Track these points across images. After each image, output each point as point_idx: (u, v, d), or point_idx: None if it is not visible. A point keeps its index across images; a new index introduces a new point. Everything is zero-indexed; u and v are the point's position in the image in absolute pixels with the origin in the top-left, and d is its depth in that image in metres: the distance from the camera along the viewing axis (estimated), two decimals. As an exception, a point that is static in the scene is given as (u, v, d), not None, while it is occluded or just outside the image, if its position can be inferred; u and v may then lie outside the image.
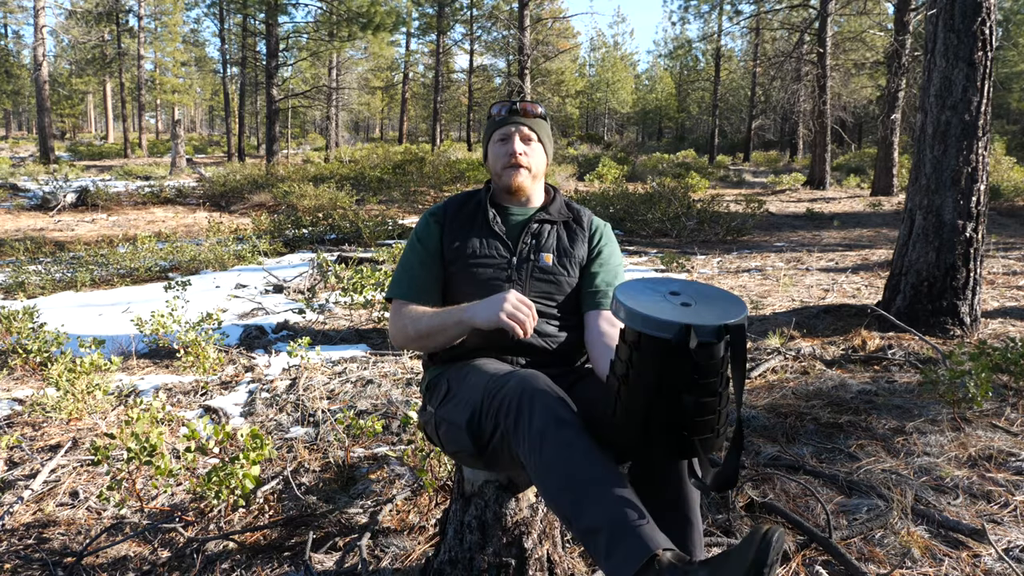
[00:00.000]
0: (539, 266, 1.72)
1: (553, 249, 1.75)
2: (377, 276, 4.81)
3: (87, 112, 51.61)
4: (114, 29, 29.45)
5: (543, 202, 1.84)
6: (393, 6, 19.33)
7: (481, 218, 1.77)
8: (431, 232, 1.76)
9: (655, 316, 1.18)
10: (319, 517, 2.23)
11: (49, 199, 12.28)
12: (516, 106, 1.77)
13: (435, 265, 1.74)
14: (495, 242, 1.73)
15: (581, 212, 1.84)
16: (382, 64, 37.51)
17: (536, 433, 1.28)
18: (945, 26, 4.18)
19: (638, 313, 1.19)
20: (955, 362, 3.01)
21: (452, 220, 1.77)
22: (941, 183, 4.25)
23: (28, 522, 2.25)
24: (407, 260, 1.77)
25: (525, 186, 1.76)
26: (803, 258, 7.80)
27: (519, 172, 1.74)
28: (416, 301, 1.70)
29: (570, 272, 1.74)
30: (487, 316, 1.49)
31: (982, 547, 2.01)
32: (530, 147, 1.77)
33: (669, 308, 1.22)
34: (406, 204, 13.45)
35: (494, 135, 1.79)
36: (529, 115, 1.78)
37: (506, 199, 1.80)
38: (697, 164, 22.58)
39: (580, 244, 1.78)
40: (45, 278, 6.08)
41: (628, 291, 1.28)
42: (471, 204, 1.81)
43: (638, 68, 49.99)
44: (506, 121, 1.77)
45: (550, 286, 1.72)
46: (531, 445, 1.28)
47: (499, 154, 1.77)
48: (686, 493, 1.39)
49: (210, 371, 3.70)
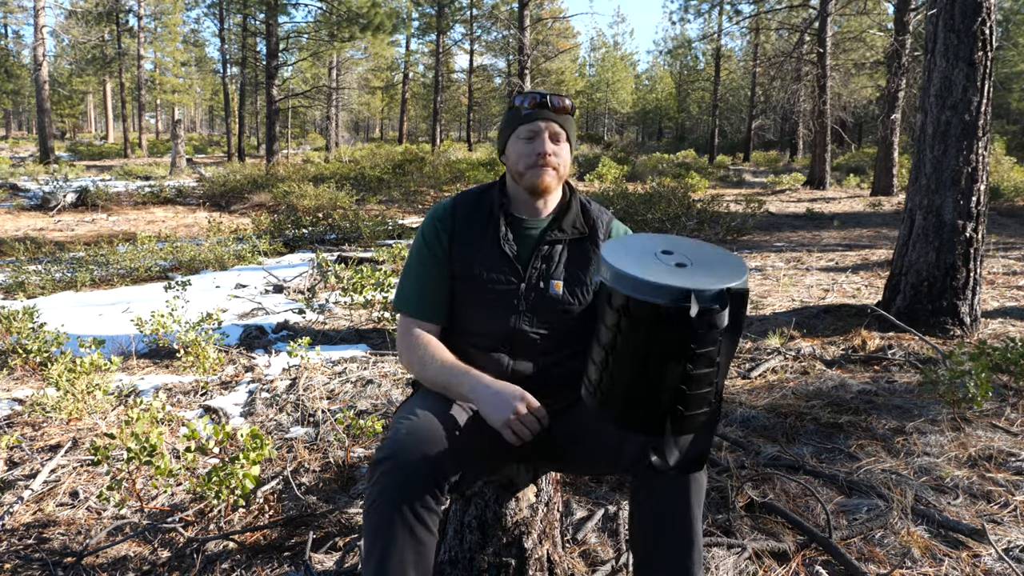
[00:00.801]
0: (549, 295, 1.61)
1: (564, 276, 1.62)
2: (377, 276, 4.81)
3: (87, 112, 51.61)
4: (114, 29, 29.45)
5: (558, 207, 1.68)
6: (393, 7, 19.34)
7: (492, 233, 1.63)
8: (440, 240, 1.64)
9: (648, 279, 1.06)
10: (319, 517, 2.23)
11: (49, 199, 12.28)
12: (547, 99, 1.60)
13: (444, 275, 1.63)
14: (504, 266, 1.61)
15: (597, 223, 1.69)
16: (382, 64, 37.51)
17: (366, 508, 1.35)
18: (945, 26, 4.18)
19: (627, 275, 1.07)
20: (955, 362, 3.01)
21: (461, 230, 1.64)
22: (941, 183, 4.25)
23: (28, 522, 2.25)
24: (415, 268, 1.66)
25: (551, 187, 1.62)
26: (803, 258, 7.80)
27: (546, 172, 1.59)
28: (426, 318, 1.63)
29: (581, 300, 1.63)
30: (490, 415, 1.44)
31: (982, 547, 2.01)
32: (559, 146, 1.61)
33: (663, 270, 1.10)
34: (406, 204, 13.45)
35: (519, 130, 1.62)
36: (560, 111, 1.61)
37: (520, 206, 1.66)
38: (697, 164, 22.58)
39: (594, 265, 1.66)
40: (45, 278, 6.08)
41: (616, 250, 1.16)
42: (482, 211, 1.66)
43: (638, 68, 50.05)
44: (534, 116, 1.60)
45: (558, 316, 1.62)
46: (364, 514, 1.35)
47: (524, 152, 1.60)
48: (690, 515, 1.37)
49: (210, 371, 3.70)
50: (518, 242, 1.64)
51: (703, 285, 1.05)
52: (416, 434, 1.38)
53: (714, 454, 2.63)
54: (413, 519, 1.31)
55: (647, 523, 1.39)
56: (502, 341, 1.61)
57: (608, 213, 1.73)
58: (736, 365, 3.84)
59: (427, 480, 1.33)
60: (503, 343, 1.61)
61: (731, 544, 2.01)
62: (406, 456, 1.33)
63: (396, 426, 1.45)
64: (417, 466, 1.33)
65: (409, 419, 1.46)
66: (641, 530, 1.41)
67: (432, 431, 1.41)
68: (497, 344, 1.61)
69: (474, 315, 1.62)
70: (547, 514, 1.72)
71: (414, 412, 1.49)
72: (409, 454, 1.34)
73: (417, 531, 1.31)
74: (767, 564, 1.95)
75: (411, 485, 1.31)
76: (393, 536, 1.30)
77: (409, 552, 1.30)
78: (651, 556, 1.40)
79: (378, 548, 1.30)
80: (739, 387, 3.45)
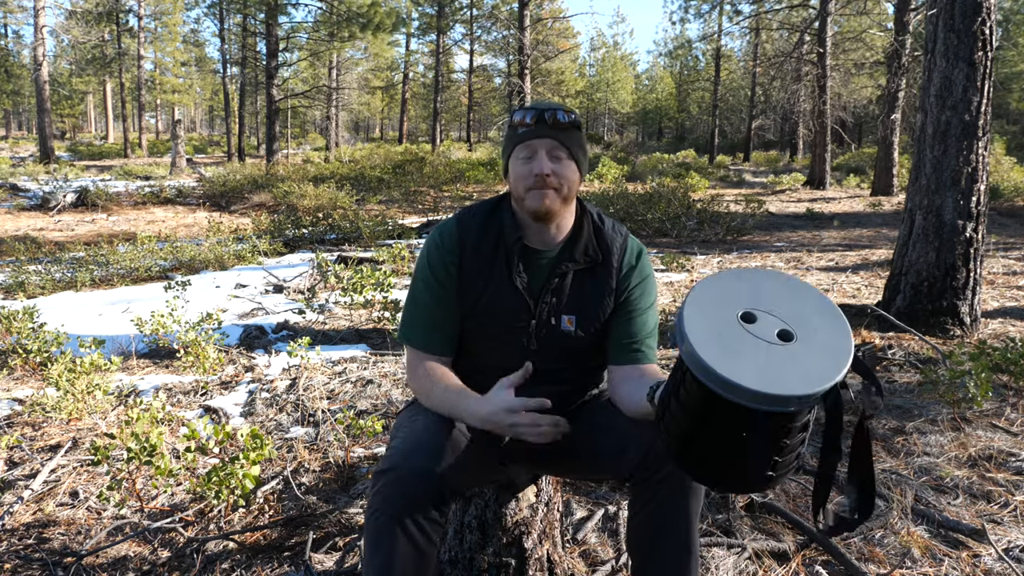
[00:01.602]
0: (560, 331, 1.53)
1: (575, 309, 1.53)
2: (377, 276, 4.81)
3: (87, 112, 51.62)
4: (114, 29, 29.47)
5: (571, 230, 1.55)
6: (393, 6, 19.35)
7: (501, 265, 1.52)
8: (449, 272, 1.52)
9: (743, 385, 0.88)
10: (319, 517, 2.23)
11: (49, 199, 12.29)
12: (544, 116, 1.46)
13: (453, 307, 1.53)
14: (514, 301, 1.51)
15: (612, 248, 1.55)
16: (382, 64, 37.55)
17: (367, 517, 1.33)
18: (945, 26, 4.18)
19: (715, 374, 0.90)
20: (955, 362, 3.01)
21: (470, 262, 1.52)
22: (941, 183, 4.25)
23: (28, 522, 2.25)
24: (421, 297, 1.55)
25: (554, 210, 1.47)
26: (803, 258, 7.80)
27: (547, 195, 1.45)
28: (434, 351, 1.55)
29: (593, 334, 1.55)
30: (482, 423, 1.41)
31: (982, 547, 2.01)
32: (560, 164, 1.46)
33: (757, 357, 0.90)
34: (406, 204, 13.46)
35: (516, 150, 1.49)
36: (560, 126, 1.47)
37: (530, 235, 1.53)
38: (697, 164, 22.60)
39: (607, 297, 1.54)
40: (45, 278, 6.08)
41: (696, 324, 0.95)
42: (490, 239, 1.53)
43: (638, 68, 50.08)
44: (530, 134, 1.47)
45: (569, 352, 1.55)
46: (365, 523, 1.35)
47: (522, 174, 1.47)
48: (687, 523, 1.37)
49: (210, 371, 3.70)
50: (529, 274, 1.53)
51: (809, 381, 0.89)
52: (418, 445, 1.38)
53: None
54: (415, 529, 1.30)
55: (644, 530, 1.40)
56: (510, 374, 1.56)
57: (623, 231, 1.60)
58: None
59: (429, 492, 1.32)
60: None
61: (731, 544, 2.01)
62: (408, 468, 1.32)
63: (399, 435, 1.44)
64: (419, 478, 1.31)
65: (411, 428, 1.45)
66: (638, 537, 1.42)
67: (434, 441, 1.39)
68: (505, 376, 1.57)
69: (481, 350, 1.56)
70: (547, 514, 1.72)
71: (416, 420, 1.49)
72: (411, 466, 1.33)
73: (418, 541, 1.30)
74: (767, 564, 1.95)
75: (413, 497, 1.30)
76: (394, 546, 1.29)
77: (410, 562, 1.30)
78: (648, 563, 1.40)
79: (379, 557, 1.30)
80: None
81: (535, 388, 1.58)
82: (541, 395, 1.51)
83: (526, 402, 1.37)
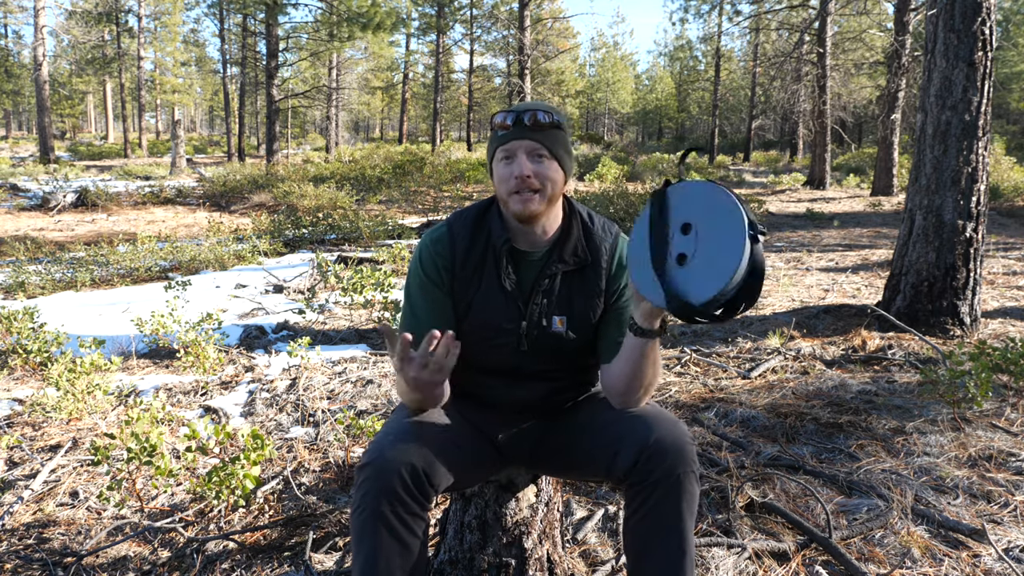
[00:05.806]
0: (550, 332, 1.54)
1: (565, 309, 1.54)
2: (377, 276, 4.81)
3: (87, 112, 51.61)
4: (114, 29, 29.46)
5: (559, 231, 1.56)
6: (393, 6, 19.34)
7: (491, 268, 1.53)
8: (442, 276, 1.53)
9: (639, 279, 1.31)
10: (319, 517, 2.23)
11: (49, 199, 12.28)
12: (522, 117, 1.46)
13: (449, 309, 1.54)
14: (504, 304, 1.53)
15: (600, 249, 1.56)
16: (382, 64, 37.53)
17: (351, 512, 1.35)
18: (945, 26, 4.18)
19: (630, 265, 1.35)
20: (955, 362, 3.01)
21: (461, 268, 1.53)
22: (941, 183, 4.25)
23: (28, 522, 2.25)
24: (419, 302, 1.55)
25: (537, 213, 1.47)
26: (803, 258, 7.80)
27: (530, 198, 1.45)
28: None
29: (584, 334, 1.56)
30: (399, 387, 1.45)
31: (982, 547, 2.01)
32: (542, 165, 1.45)
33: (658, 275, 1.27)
34: (406, 204, 13.45)
35: (497, 152, 1.49)
36: (539, 127, 1.45)
37: (519, 237, 1.54)
38: (697, 164, 22.58)
39: (596, 298, 1.55)
40: (45, 278, 6.08)
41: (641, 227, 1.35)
42: (480, 242, 1.54)
43: (638, 68, 50.10)
44: (508, 136, 1.46)
45: (560, 353, 1.57)
46: (350, 518, 1.36)
47: (503, 176, 1.46)
48: (682, 526, 1.38)
49: (210, 371, 3.70)
50: (519, 275, 1.54)
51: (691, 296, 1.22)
52: (401, 439, 1.38)
53: (714, 454, 2.63)
54: (396, 522, 1.31)
55: (639, 531, 1.40)
56: (502, 375, 1.60)
57: (613, 231, 1.60)
58: (736, 365, 3.84)
59: (409, 486, 1.32)
60: (503, 376, 1.60)
61: (731, 544, 2.01)
62: (389, 462, 1.33)
63: (382, 431, 1.45)
64: (399, 471, 1.32)
65: (396, 424, 1.45)
66: (634, 538, 1.42)
67: (419, 436, 1.40)
68: (497, 377, 1.60)
69: (473, 352, 1.54)
70: (547, 514, 1.72)
71: (403, 417, 1.49)
72: (392, 459, 1.33)
73: (401, 534, 1.31)
74: (767, 564, 1.95)
75: (393, 490, 1.31)
76: (377, 541, 1.30)
77: (395, 556, 1.31)
78: (643, 564, 1.41)
79: (363, 552, 1.31)
80: (739, 387, 3.45)
81: (529, 388, 1.59)
82: (534, 395, 1.57)
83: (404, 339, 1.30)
